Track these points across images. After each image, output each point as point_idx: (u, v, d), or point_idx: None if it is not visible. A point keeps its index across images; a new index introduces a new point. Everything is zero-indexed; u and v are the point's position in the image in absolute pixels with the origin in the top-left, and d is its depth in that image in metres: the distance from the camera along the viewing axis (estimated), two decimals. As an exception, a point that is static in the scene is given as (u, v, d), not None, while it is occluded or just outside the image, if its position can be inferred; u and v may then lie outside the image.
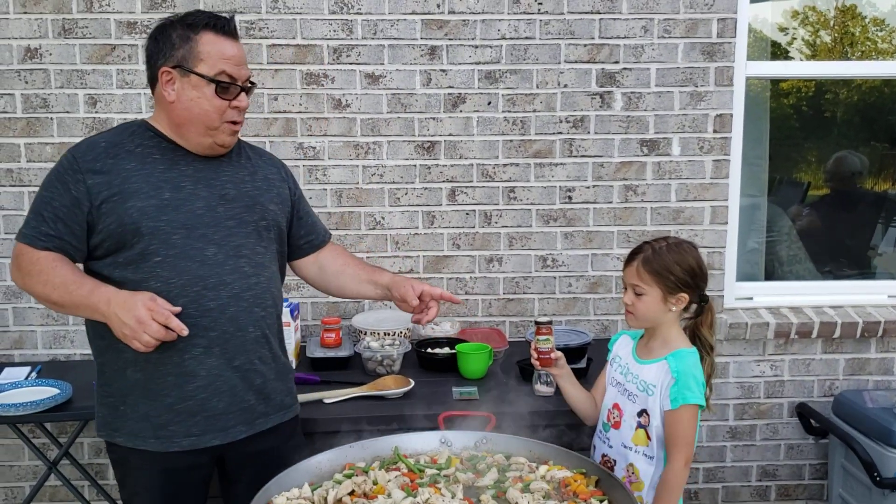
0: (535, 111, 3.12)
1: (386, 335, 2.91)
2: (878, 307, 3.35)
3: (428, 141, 3.12)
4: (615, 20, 3.08)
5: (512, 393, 2.61)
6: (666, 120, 3.16)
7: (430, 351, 2.86)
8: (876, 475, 2.85)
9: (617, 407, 2.09)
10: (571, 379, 2.25)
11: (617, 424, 2.10)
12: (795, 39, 3.63)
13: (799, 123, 3.77)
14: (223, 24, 1.89)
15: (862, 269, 3.74)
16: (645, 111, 3.15)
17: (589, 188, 3.18)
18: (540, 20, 3.07)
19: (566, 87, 3.12)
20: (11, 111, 3.00)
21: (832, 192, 3.74)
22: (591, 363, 2.76)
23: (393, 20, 3.03)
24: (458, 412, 2.30)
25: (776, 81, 3.56)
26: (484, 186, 3.16)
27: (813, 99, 3.75)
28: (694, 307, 2.09)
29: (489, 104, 3.11)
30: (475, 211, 3.18)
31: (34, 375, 2.85)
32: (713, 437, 3.35)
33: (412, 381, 2.61)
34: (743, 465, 3.38)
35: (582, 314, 3.25)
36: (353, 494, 1.68)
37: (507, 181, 3.16)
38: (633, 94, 3.13)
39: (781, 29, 3.59)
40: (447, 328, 3.09)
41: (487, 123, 3.12)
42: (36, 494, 2.97)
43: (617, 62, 3.11)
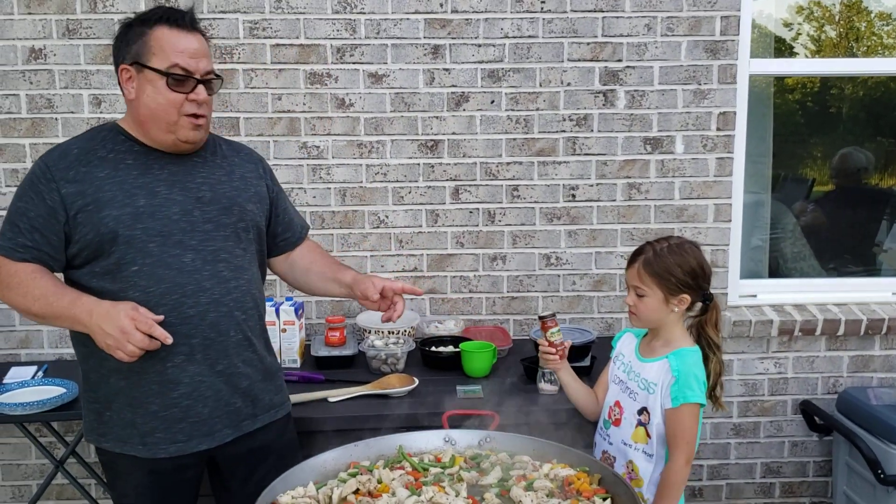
0: (538, 110, 3.12)
1: (390, 334, 2.92)
2: (882, 304, 3.34)
3: (431, 140, 3.12)
4: (618, 18, 3.08)
5: (516, 391, 2.62)
6: (669, 118, 3.15)
7: (434, 349, 2.87)
8: (880, 472, 2.85)
9: (618, 404, 2.10)
10: (571, 372, 2.26)
11: (617, 422, 2.10)
12: (800, 35, 3.62)
13: (804, 119, 3.76)
14: (177, 17, 1.86)
15: (867, 266, 3.73)
16: (648, 109, 3.14)
17: (592, 186, 3.18)
18: (543, 19, 3.07)
19: (569, 85, 3.12)
20: (16, 112, 3.02)
21: (837, 188, 3.73)
22: (594, 361, 2.77)
23: (396, 19, 3.03)
24: (462, 411, 2.30)
25: (780, 77, 3.55)
26: (487, 185, 3.17)
27: (818, 95, 3.74)
28: (699, 306, 2.10)
29: (492, 103, 3.11)
30: (479, 209, 3.18)
31: (40, 375, 2.86)
32: (717, 434, 3.36)
33: (416, 379, 2.62)
34: (747, 462, 3.38)
35: (586, 312, 3.26)
36: (357, 493, 1.69)
37: (510, 180, 3.17)
38: (636, 92, 3.13)
39: (786, 24, 3.58)
40: (451, 326, 3.10)
41: (491, 122, 3.12)
42: (43, 493, 2.98)
43: (620, 60, 3.11)
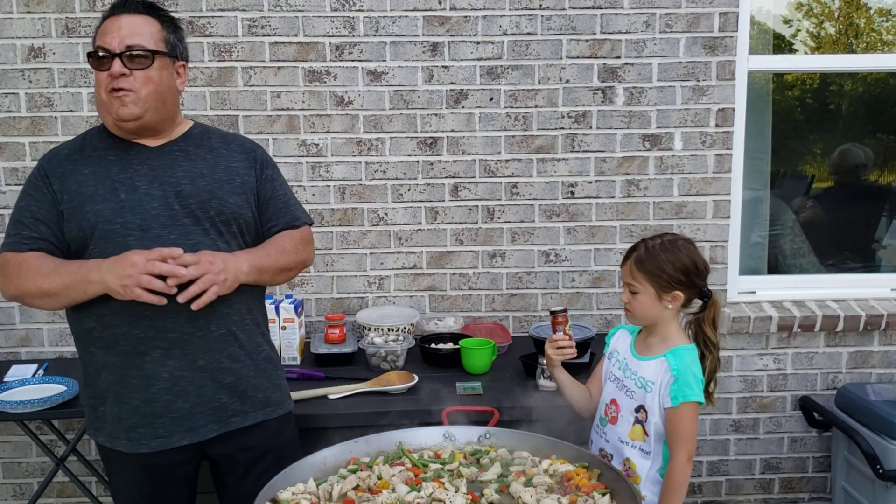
0: (536, 107, 3.13)
1: (390, 331, 2.93)
2: (881, 300, 3.35)
3: (430, 137, 3.13)
4: (616, 15, 3.08)
5: (515, 388, 2.63)
6: (668, 114, 3.16)
7: (433, 346, 2.88)
8: (879, 468, 2.86)
9: (614, 402, 2.10)
10: (563, 370, 2.26)
11: (614, 419, 2.10)
12: (800, 31, 3.62)
13: (803, 116, 3.76)
14: (115, 6, 1.92)
15: (866, 262, 3.74)
16: (647, 106, 3.15)
17: (591, 183, 3.19)
18: (541, 16, 3.07)
19: (568, 82, 3.12)
20: (16, 110, 3.02)
21: (836, 184, 3.73)
22: (594, 358, 2.77)
23: (395, 17, 3.04)
24: (461, 407, 2.31)
25: (780, 74, 3.55)
26: (486, 182, 3.17)
27: (817, 91, 3.74)
28: (698, 303, 2.09)
29: (491, 100, 3.12)
30: (478, 206, 3.19)
31: (41, 373, 2.87)
32: (716, 430, 3.36)
33: (416, 376, 2.63)
34: (746, 458, 3.39)
35: (585, 309, 3.26)
36: (357, 489, 1.70)
37: (509, 177, 3.17)
38: (634, 89, 3.14)
39: (786, 21, 3.58)
40: (450, 323, 3.10)
41: (489, 119, 3.13)
42: (44, 490, 2.99)
43: (619, 57, 3.11)
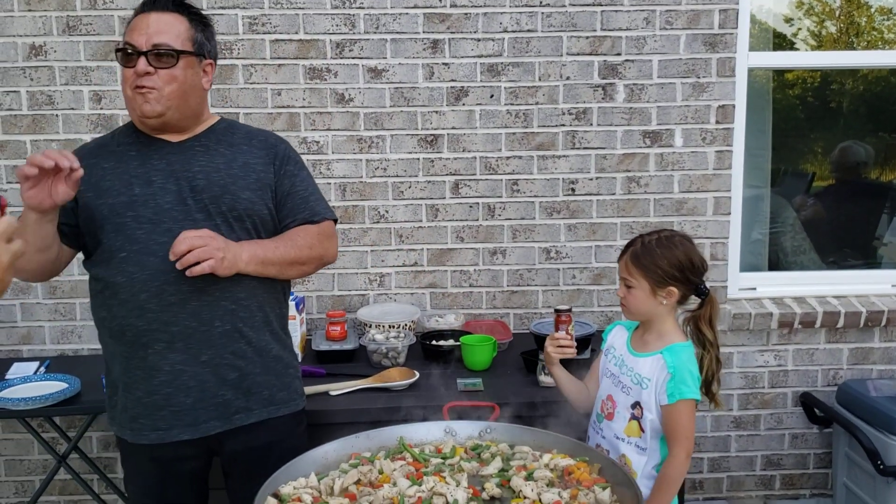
0: (537, 104, 3.13)
1: (391, 328, 2.93)
2: (881, 297, 3.35)
3: (431, 134, 3.13)
4: (617, 12, 3.09)
5: (516, 384, 2.64)
6: (668, 111, 3.16)
7: (434, 343, 2.88)
8: (879, 463, 2.86)
9: (610, 398, 2.10)
10: (561, 366, 2.25)
11: (610, 416, 2.10)
12: (801, 30, 3.63)
13: (804, 114, 3.76)
14: (145, 3, 1.93)
15: (866, 259, 3.74)
16: (647, 103, 3.15)
17: (592, 180, 3.19)
18: (542, 13, 3.07)
19: (568, 79, 3.12)
20: (17, 108, 3.03)
21: (837, 182, 3.73)
22: (594, 354, 2.77)
23: (395, 14, 3.04)
24: (462, 402, 2.31)
25: (781, 72, 3.55)
26: (487, 179, 3.17)
27: (818, 89, 3.75)
28: (696, 301, 2.09)
29: (492, 97, 3.12)
30: (478, 204, 3.19)
31: (42, 370, 2.87)
32: (717, 427, 3.37)
33: (417, 372, 2.63)
34: (747, 454, 3.39)
35: (586, 306, 3.26)
36: (359, 483, 1.70)
37: (510, 174, 3.17)
38: (635, 85, 3.14)
39: (787, 20, 3.58)
40: (451, 320, 3.11)
41: (490, 116, 3.13)
42: (46, 488, 3.00)
43: (619, 54, 3.12)
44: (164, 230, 1.87)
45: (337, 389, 2.56)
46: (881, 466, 2.85)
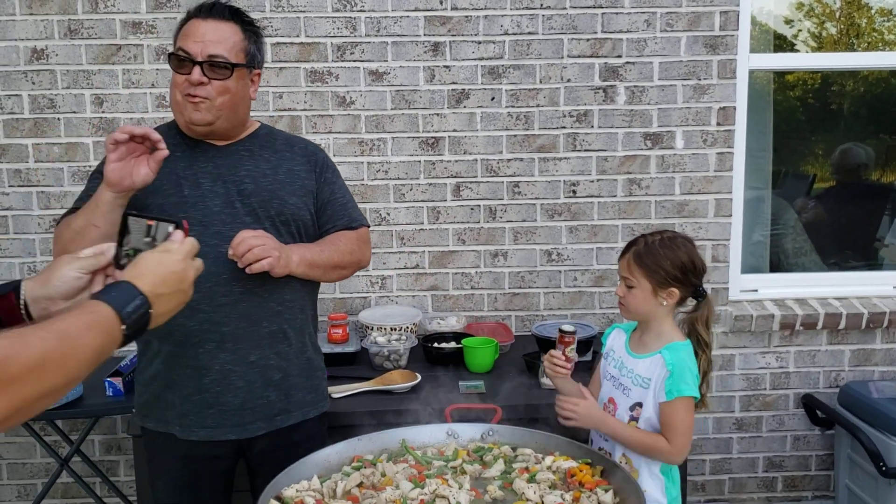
0: (538, 106, 3.13)
1: (392, 330, 2.93)
2: (883, 298, 3.35)
3: (432, 137, 3.14)
4: (617, 14, 3.09)
5: (518, 386, 2.63)
6: (669, 113, 3.16)
7: (436, 345, 2.88)
8: (882, 465, 2.86)
9: (612, 401, 2.10)
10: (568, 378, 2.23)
11: None
12: (801, 31, 3.63)
13: (805, 116, 3.77)
14: (202, 7, 1.94)
15: (868, 260, 3.74)
16: (648, 105, 3.15)
17: (593, 182, 3.19)
18: (542, 15, 3.08)
19: (569, 81, 3.13)
20: (19, 112, 3.03)
21: (838, 184, 3.74)
22: (595, 356, 2.77)
23: (396, 17, 3.05)
24: (464, 405, 2.31)
25: (781, 74, 3.56)
26: (488, 181, 3.18)
27: (819, 91, 3.75)
28: (692, 302, 2.10)
29: (493, 100, 3.12)
30: (480, 206, 3.19)
31: (45, 373, 2.87)
32: (719, 429, 3.36)
33: (419, 375, 2.63)
34: (749, 456, 3.39)
35: (587, 308, 3.27)
36: (361, 486, 1.70)
37: (511, 176, 3.18)
38: (636, 87, 3.14)
39: (787, 21, 3.58)
40: (453, 323, 3.11)
41: (491, 119, 3.13)
42: (48, 491, 3.00)
43: (620, 56, 3.12)
44: (213, 233, 1.90)
45: (339, 392, 2.56)
46: (883, 468, 2.85)
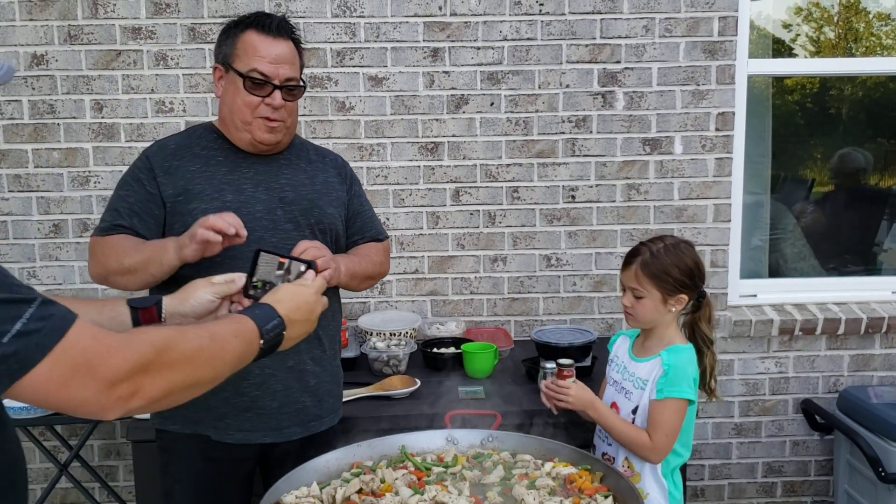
0: (537, 111, 3.14)
1: (392, 336, 2.93)
2: (882, 303, 3.35)
3: (431, 142, 3.14)
4: (616, 20, 3.10)
5: (517, 391, 2.63)
6: (668, 119, 3.17)
7: (435, 351, 2.88)
8: (881, 470, 2.85)
9: (615, 405, 2.11)
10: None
11: None
12: (799, 36, 3.64)
13: (803, 120, 3.77)
14: (266, 22, 1.94)
15: (866, 265, 3.74)
16: (647, 110, 3.16)
17: (592, 187, 3.20)
18: (541, 21, 3.09)
19: (568, 87, 3.13)
20: (19, 117, 3.03)
21: (837, 188, 3.74)
22: (595, 361, 2.77)
23: (395, 23, 3.05)
24: (464, 411, 2.31)
25: (780, 78, 3.57)
26: (488, 187, 3.18)
27: (817, 95, 3.76)
28: (691, 303, 2.11)
29: (492, 105, 3.13)
30: (479, 211, 3.20)
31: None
32: (718, 434, 3.36)
33: (418, 380, 2.63)
34: (748, 461, 3.39)
35: (586, 313, 3.27)
36: (361, 492, 1.70)
37: (510, 181, 3.18)
38: (634, 93, 3.15)
39: (785, 26, 3.59)
40: (452, 328, 3.11)
41: (490, 124, 3.14)
42: (47, 496, 2.99)
43: (618, 62, 3.13)
44: (255, 238, 1.90)
45: (338, 397, 2.56)
46: (882, 473, 2.85)
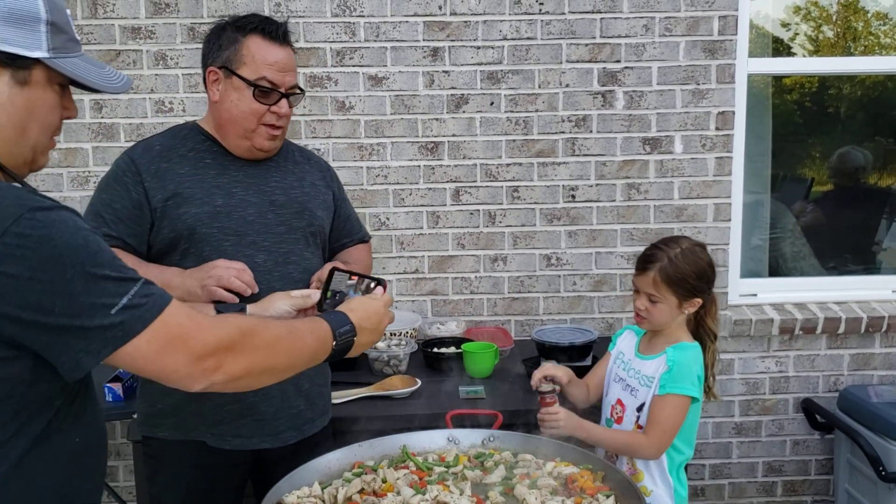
0: (537, 111, 3.14)
1: (392, 335, 2.93)
2: (882, 302, 3.35)
3: (431, 142, 3.14)
4: (616, 19, 3.10)
5: (518, 391, 2.63)
6: (668, 118, 3.17)
7: (436, 350, 2.88)
8: (881, 469, 2.86)
9: (620, 402, 2.11)
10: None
11: (619, 420, 2.12)
12: (798, 35, 3.64)
13: (802, 119, 3.77)
14: (272, 28, 1.90)
15: (866, 264, 3.74)
16: (647, 109, 3.16)
17: (592, 187, 3.20)
18: (541, 20, 3.08)
19: (568, 86, 3.13)
20: (18, 117, 3.02)
21: (836, 187, 3.74)
22: (595, 361, 2.77)
23: (395, 22, 3.05)
24: (465, 410, 2.31)
25: (779, 77, 3.57)
26: (488, 186, 3.18)
27: (816, 94, 3.76)
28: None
29: (492, 104, 3.13)
30: (479, 211, 3.19)
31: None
32: (719, 433, 3.36)
33: (419, 380, 2.63)
34: (749, 461, 3.39)
35: (587, 312, 3.27)
36: (362, 492, 1.70)
37: (510, 181, 3.18)
38: (634, 92, 3.15)
39: (784, 25, 3.59)
40: (453, 328, 3.11)
41: (490, 124, 3.14)
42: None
43: (618, 61, 3.12)
44: (248, 243, 1.90)
45: (339, 398, 2.55)
46: (883, 472, 2.85)
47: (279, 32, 1.91)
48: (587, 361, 2.76)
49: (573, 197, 3.20)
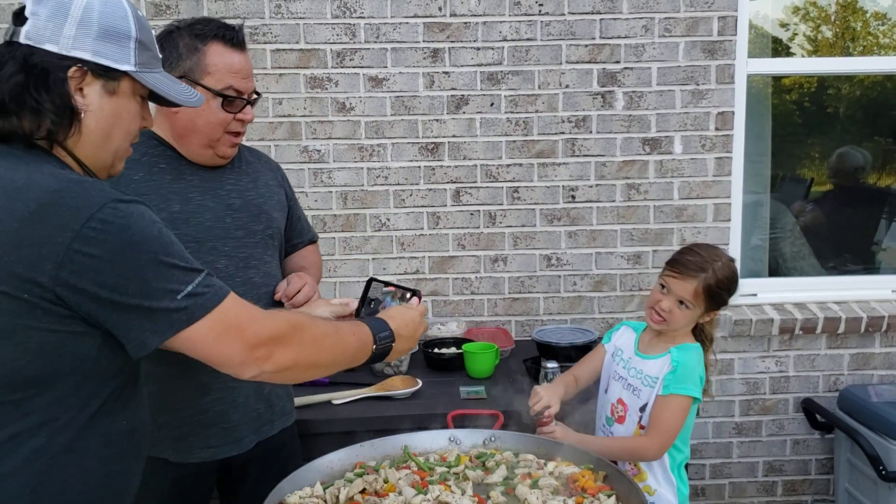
0: (537, 112, 3.14)
1: (393, 336, 2.93)
2: (882, 302, 3.36)
3: (432, 142, 3.14)
4: (616, 20, 3.10)
5: (519, 391, 2.63)
6: (667, 118, 3.17)
7: (437, 351, 2.88)
8: (881, 469, 2.86)
9: (621, 402, 2.11)
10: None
11: (621, 419, 2.12)
12: (797, 35, 3.65)
13: (801, 119, 3.78)
14: (231, 35, 1.83)
15: (866, 264, 3.75)
16: (646, 110, 3.16)
17: (592, 187, 3.20)
18: (541, 21, 3.09)
19: (568, 87, 3.14)
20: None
21: (835, 187, 3.75)
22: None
23: (395, 23, 3.05)
24: (466, 411, 2.32)
25: (778, 78, 3.57)
26: (488, 187, 3.18)
27: (815, 95, 3.76)
28: None
29: (492, 105, 3.13)
30: (479, 211, 3.20)
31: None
32: (719, 433, 3.37)
33: (420, 381, 2.63)
34: (749, 460, 3.40)
35: (587, 313, 3.27)
36: (364, 493, 1.70)
37: (510, 181, 3.18)
38: (634, 93, 3.15)
39: (783, 25, 3.60)
40: (453, 328, 3.11)
41: (490, 124, 3.14)
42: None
43: (618, 62, 3.13)
44: (208, 249, 1.85)
45: (340, 398, 2.56)
46: (883, 472, 2.86)
47: (239, 39, 1.84)
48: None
49: (573, 197, 3.20)
